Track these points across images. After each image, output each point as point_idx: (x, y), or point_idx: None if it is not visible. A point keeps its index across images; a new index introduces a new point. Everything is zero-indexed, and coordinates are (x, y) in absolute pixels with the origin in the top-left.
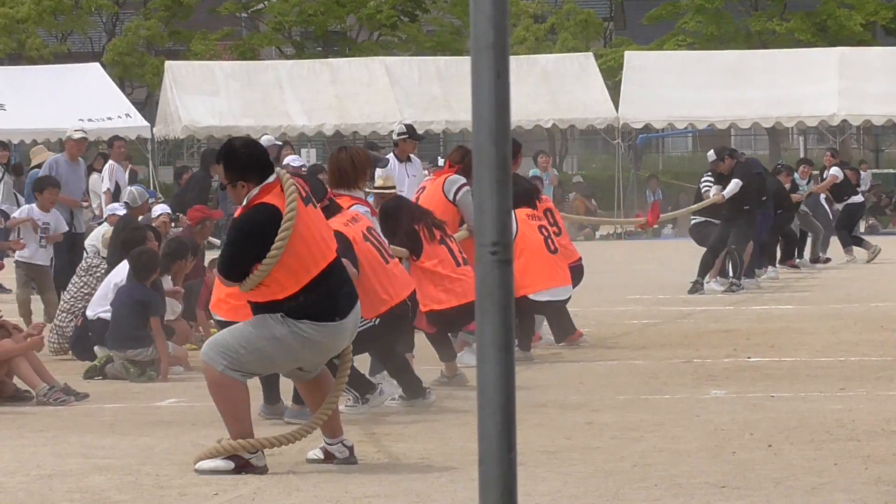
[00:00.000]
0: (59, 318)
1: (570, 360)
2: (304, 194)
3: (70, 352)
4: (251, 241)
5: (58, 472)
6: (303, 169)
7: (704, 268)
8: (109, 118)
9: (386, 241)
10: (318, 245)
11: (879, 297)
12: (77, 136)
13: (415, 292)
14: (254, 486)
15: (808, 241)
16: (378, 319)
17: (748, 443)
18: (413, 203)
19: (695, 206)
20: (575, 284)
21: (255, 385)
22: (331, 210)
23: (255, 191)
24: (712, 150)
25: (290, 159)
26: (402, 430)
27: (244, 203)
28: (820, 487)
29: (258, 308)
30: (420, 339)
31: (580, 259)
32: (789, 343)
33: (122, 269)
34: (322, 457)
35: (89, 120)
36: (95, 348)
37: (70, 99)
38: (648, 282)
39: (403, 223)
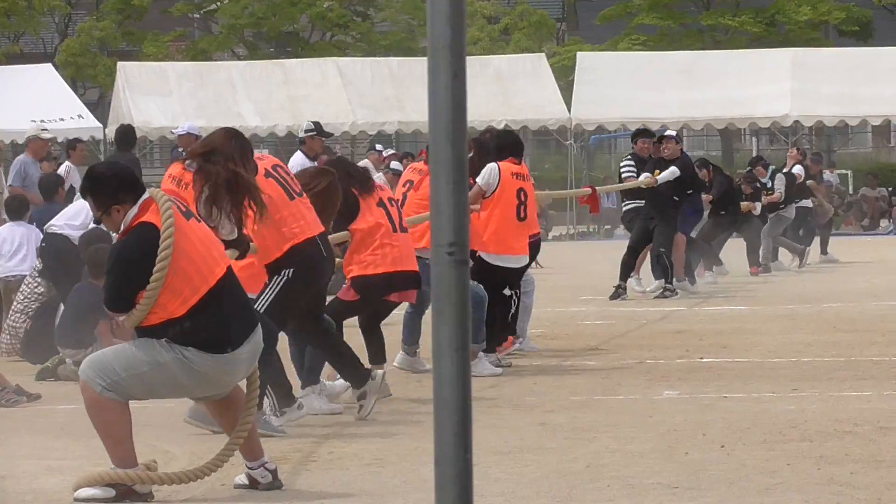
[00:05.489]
0: (13, 318)
1: (523, 361)
2: (183, 209)
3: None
4: (133, 267)
5: (10, 474)
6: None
7: (626, 270)
8: (62, 119)
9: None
10: (204, 260)
11: (832, 297)
12: (46, 135)
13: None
14: (204, 490)
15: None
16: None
17: (701, 443)
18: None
19: (620, 185)
20: (532, 257)
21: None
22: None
23: (135, 209)
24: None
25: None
26: (355, 431)
27: (122, 228)
28: (773, 488)
29: (142, 332)
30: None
31: (538, 234)
32: (742, 344)
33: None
34: (247, 482)
35: (42, 121)
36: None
37: (22, 100)
38: (601, 282)
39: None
